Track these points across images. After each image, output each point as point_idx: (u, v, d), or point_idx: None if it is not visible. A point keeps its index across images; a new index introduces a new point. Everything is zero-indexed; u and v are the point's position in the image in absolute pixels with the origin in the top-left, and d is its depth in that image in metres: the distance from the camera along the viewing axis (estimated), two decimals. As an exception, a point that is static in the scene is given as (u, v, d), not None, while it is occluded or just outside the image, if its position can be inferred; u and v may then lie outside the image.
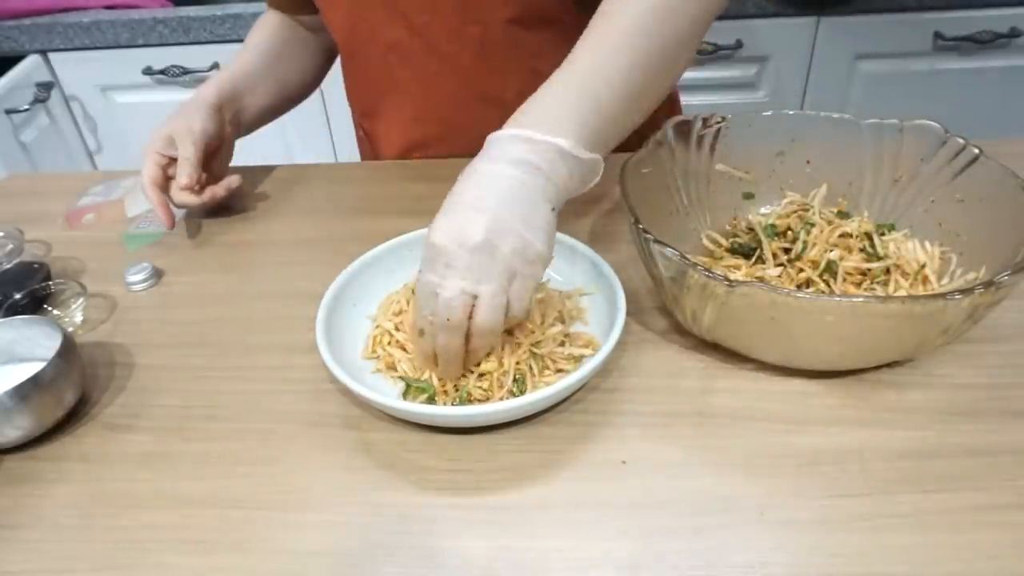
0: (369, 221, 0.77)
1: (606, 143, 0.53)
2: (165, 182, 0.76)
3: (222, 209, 0.80)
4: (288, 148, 1.56)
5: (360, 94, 0.89)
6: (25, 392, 0.51)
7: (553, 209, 0.50)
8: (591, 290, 0.61)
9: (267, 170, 0.89)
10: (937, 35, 1.37)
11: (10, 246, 0.72)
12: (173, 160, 0.75)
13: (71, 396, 0.55)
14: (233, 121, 0.81)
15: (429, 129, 0.84)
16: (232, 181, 0.79)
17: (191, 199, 0.75)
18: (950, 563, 0.42)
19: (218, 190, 0.78)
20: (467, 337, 0.50)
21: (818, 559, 0.43)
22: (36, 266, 0.70)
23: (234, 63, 0.84)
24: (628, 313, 0.55)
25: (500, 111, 0.53)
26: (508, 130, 0.50)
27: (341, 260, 0.62)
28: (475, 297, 0.48)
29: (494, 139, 0.51)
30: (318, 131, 1.56)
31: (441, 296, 0.48)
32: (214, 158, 0.79)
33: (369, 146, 0.94)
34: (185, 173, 0.73)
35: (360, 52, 0.83)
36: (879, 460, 0.48)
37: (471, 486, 0.49)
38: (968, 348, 0.55)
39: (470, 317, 0.49)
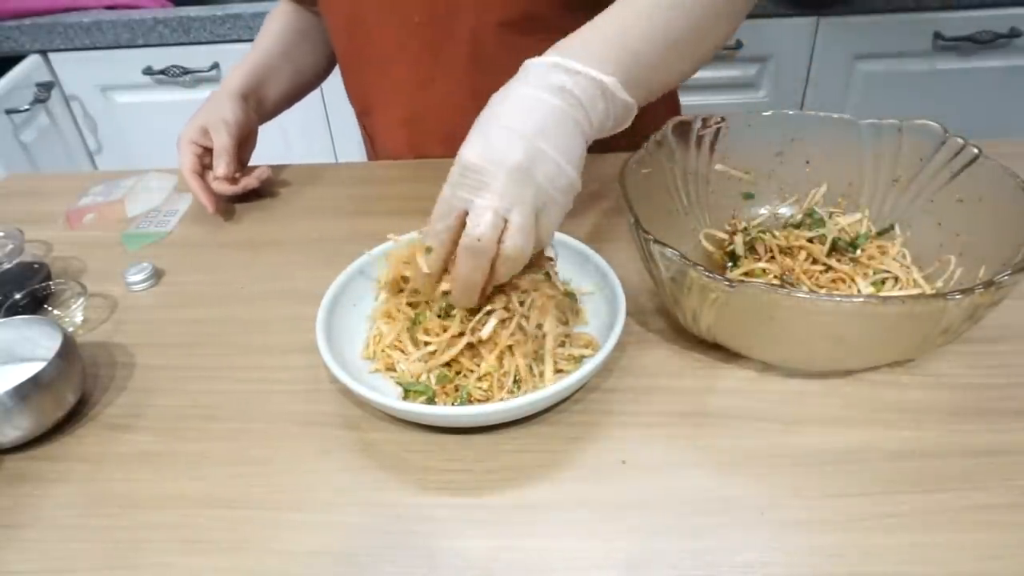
0: (369, 221, 0.77)
1: (646, 90, 0.53)
2: (202, 171, 0.78)
3: (250, 195, 0.82)
4: (288, 148, 1.56)
5: (358, 94, 0.89)
6: (25, 392, 0.51)
7: (585, 142, 0.49)
8: (591, 290, 0.61)
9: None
10: (937, 35, 1.37)
11: (10, 246, 0.72)
12: (207, 150, 0.78)
13: (71, 396, 0.55)
14: (257, 109, 0.84)
15: (424, 129, 0.84)
16: (263, 172, 0.82)
17: (227, 188, 0.78)
18: (950, 563, 0.42)
19: (251, 181, 0.81)
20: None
21: (818, 559, 0.43)
22: (36, 266, 0.70)
23: (254, 52, 0.87)
24: (628, 313, 0.55)
25: None
26: (550, 57, 0.49)
27: (341, 260, 0.62)
28: (506, 221, 0.46)
29: (533, 65, 0.49)
30: (318, 131, 1.56)
31: (474, 213, 0.46)
32: (244, 146, 0.82)
33: (370, 145, 0.95)
34: (223, 163, 0.76)
35: (358, 52, 0.83)
36: (879, 460, 0.48)
37: (471, 486, 0.49)
38: (968, 348, 0.55)
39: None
